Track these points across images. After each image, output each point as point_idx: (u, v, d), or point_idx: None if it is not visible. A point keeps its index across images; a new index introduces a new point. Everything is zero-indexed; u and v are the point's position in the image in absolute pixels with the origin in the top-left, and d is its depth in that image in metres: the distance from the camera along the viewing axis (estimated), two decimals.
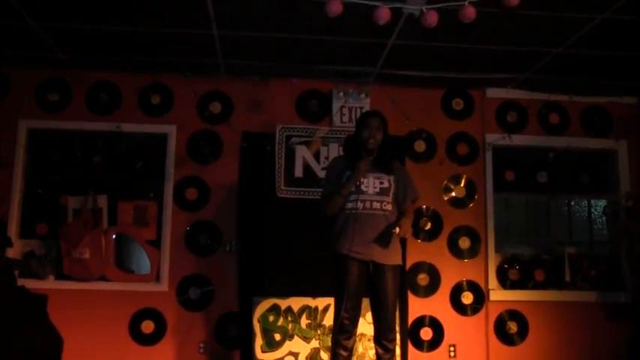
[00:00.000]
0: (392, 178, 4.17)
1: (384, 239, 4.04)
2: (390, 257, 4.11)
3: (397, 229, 3.93)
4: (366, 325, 4.74)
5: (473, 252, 5.79)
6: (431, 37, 4.62)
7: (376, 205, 4.09)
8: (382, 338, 4.12)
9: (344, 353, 4.05)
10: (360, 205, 4.06)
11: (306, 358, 5.34)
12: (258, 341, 5.33)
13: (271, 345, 5.34)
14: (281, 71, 5.70)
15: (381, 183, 4.13)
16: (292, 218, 5.57)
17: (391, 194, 4.15)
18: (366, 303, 4.21)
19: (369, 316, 4.29)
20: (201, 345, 5.46)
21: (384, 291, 4.08)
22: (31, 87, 5.68)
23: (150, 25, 4.76)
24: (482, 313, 5.72)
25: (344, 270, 4.06)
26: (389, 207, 4.12)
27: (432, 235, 5.78)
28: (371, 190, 4.10)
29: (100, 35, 4.98)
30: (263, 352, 5.32)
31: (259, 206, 5.60)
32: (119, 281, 5.51)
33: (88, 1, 4.38)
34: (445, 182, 5.86)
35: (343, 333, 4.04)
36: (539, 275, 5.88)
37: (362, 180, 4.07)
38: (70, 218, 5.59)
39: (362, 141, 4.14)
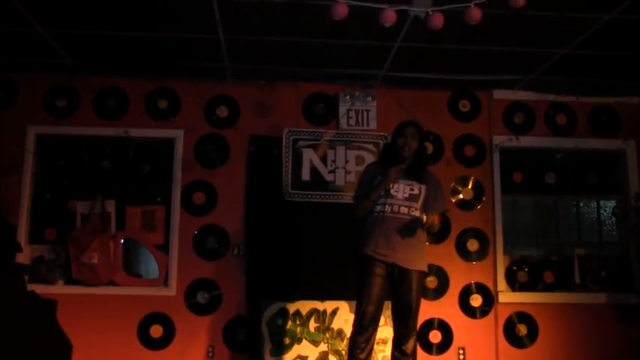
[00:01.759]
0: (423, 187, 4.26)
1: (407, 229, 4.14)
2: (414, 262, 4.18)
3: (424, 217, 4.04)
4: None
5: (481, 254, 5.77)
6: (437, 39, 4.63)
7: (404, 209, 4.19)
8: (402, 344, 4.18)
9: (362, 356, 4.09)
10: (387, 208, 4.18)
11: None
12: (267, 345, 5.35)
13: (280, 349, 5.35)
14: (287, 75, 5.71)
15: (411, 190, 4.23)
16: (300, 221, 5.58)
17: (420, 201, 4.24)
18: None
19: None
20: (210, 349, 5.46)
21: (407, 296, 4.15)
22: (39, 93, 5.70)
23: (156, 30, 4.78)
24: (491, 315, 5.70)
25: (368, 271, 4.15)
26: (416, 213, 4.20)
27: (439, 238, 5.74)
28: (400, 195, 4.20)
29: (106, 41, 5.01)
30: (272, 355, 5.33)
31: (267, 210, 5.60)
32: (128, 286, 5.52)
33: (95, 7, 4.40)
34: (453, 184, 5.85)
35: (363, 334, 4.09)
36: (549, 277, 5.85)
37: (392, 185, 4.16)
38: (79, 223, 5.60)
39: (397, 149, 4.27)
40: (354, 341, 4.12)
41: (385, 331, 5.23)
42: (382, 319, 4.67)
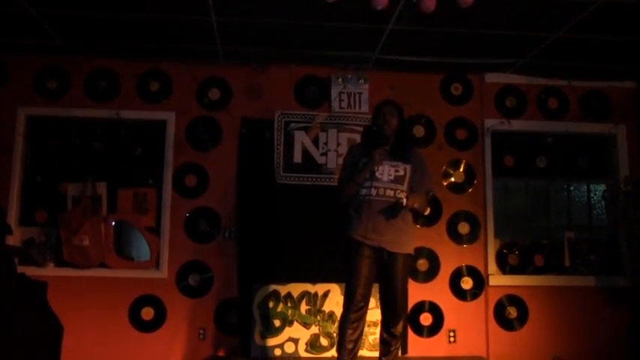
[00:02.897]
0: (408, 167, 4.23)
1: (390, 212, 4.09)
2: (402, 245, 4.16)
3: (404, 200, 4.00)
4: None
5: (472, 237, 5.80)
6: (429, 22, 4.61)
7: (390, 192, 4.15)
8: (391, 325, 4.21)
9: (353, 336, 4.09)
10: (373, 191, 4.14)
11: (306, 344, 5.37)
12: (258, 327, 5.36)
13: (271, 331, 5.37)
14: (279, 57, 5.69)
15: (397, 171, 4.19)
16: (291, 204, 5.58)
17: (406, 183, 4.20)
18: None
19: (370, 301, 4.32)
20: (201, 331, 5.48)
21: (394, 279, 4.15)
22: (29, 74, 5.67)
23: (148, 11, 4.74)
24: (481, 298, 5.73)
25: (356, 256, 4.12)
26: (402, 195, 4.14)
27: (431, 221, 5.77)
28: (385, 178, 4.16)
29: (98, 22, 4.96)
30: (263, 338, 5.35)
31: (258, 192, 5.61)
32: (119, 268, 5.52)
33: None
34: (444, 167, 5.86)
35: (355, 312, 4.08)
36: (539, 260, 5.88)
37: (377, 167, 4.13)
38: (70, 205, 5.59)
39: (378, 129, 4.23)
40: (345, 320, 4.11)
41: (376, 313, 5.23)
42: (372, 302, 4.68)
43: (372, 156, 4.12)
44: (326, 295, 5.44)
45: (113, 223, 5.58)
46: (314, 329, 5.41)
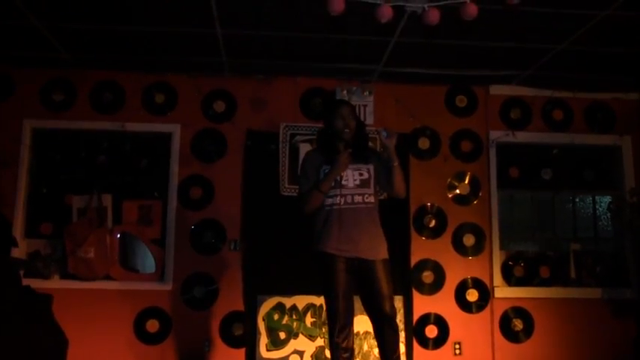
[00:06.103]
0: (371, 167, 4.02)
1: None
2: (378, 251, 3.95)
3: (384, 133, 3.82)
4: (370, 323, 4.71)
5: (477, 249, 5.79)
6: (434, 34, 4.62)
7: (358, 198, 3.95)
8: (384, 331, 3.92)
9: (345, 355, 3.91)
10: (341, 200, 3.92)
11: (311, 356, 5.36)
12: (263, 340, 5.36)
13: (276, 343, 5.36)
14: (285, 70, 5.71)
15: (361, 174, 3.98)
16: (296, 216, 5.55)
17: (372, 185, 4.01)
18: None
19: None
20: (206, 344, 5.46)
21: (377, 284, 3.88)
22: (35, 87, 5.69)
23: (153, 24, 4.77)
24: (487, 310, 5.71)
25: (332, 270, 3.90)
26: (371, 199, 3.99)
27: (436, 233, 5.77)
28: (351, 184, 3.95)
29: (104, 35, 5.00)
30: (268, 350, 5.34)
31: (263, 204, 5.61)
32: (124, 280, 5.52)
33: (92, 1, 4.39)
34: (449, 179, 5.86)
35: (341, 333, 3.88)
36: (544, 272, 5.87)
37: (341, 173, 3.93)
38: (75, 218, 5.60)
39: (336, 132, 3.99)
40: (334, 344, 3.88)
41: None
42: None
43: (338, 161, 3.87)
44: None
45: (118, 235, 5.59)
46: (319, 342, 5.40)
